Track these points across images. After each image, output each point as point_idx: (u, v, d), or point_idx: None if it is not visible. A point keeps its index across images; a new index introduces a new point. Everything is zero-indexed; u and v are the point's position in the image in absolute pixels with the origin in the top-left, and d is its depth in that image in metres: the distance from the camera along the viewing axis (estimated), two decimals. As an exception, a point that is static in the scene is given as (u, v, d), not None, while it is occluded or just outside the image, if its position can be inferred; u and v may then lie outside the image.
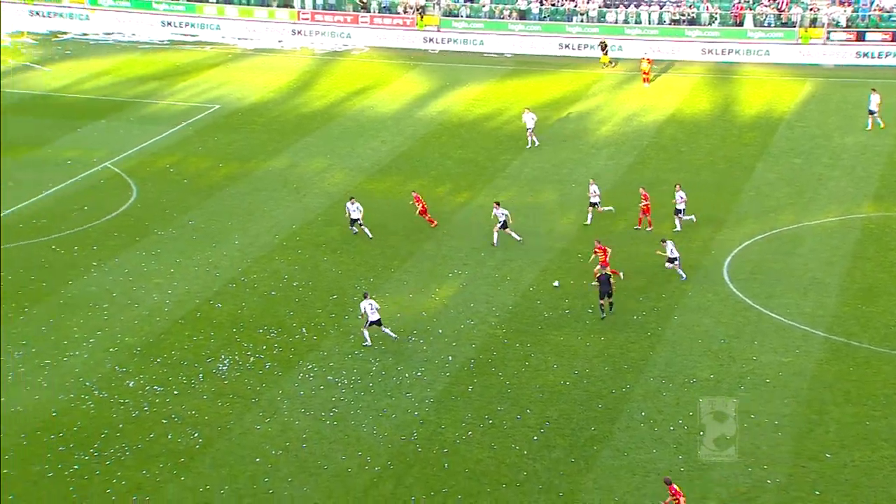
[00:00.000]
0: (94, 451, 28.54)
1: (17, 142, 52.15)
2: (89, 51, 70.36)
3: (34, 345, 33.68)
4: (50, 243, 41.16)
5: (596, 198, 43.09)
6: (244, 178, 48.72)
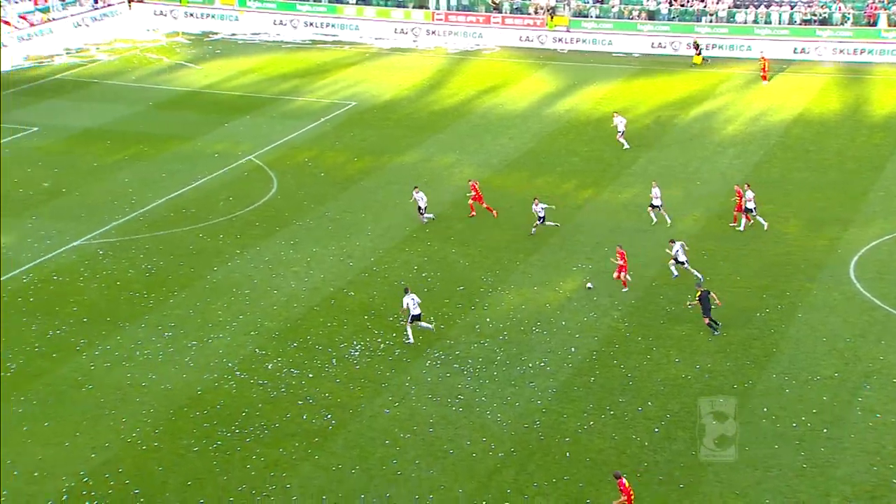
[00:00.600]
0: (235, 429, 29.16)
1: (170, 135, 53.65)
2: (237, 50, 71.96)
3: (182, 327, 34.59)
4: (197, 231, 42.22)
5: (658, 200, 42.03)
6: (377, 171, 49.17)
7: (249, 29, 76.53)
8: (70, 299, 36.01)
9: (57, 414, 29.45)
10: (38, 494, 26.07)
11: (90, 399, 30.24)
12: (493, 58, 70.01)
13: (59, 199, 44.79)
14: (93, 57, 68.09)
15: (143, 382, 31.20)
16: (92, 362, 32.19)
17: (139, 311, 35.51)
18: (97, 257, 39.45)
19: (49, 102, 58.21)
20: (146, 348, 33.14)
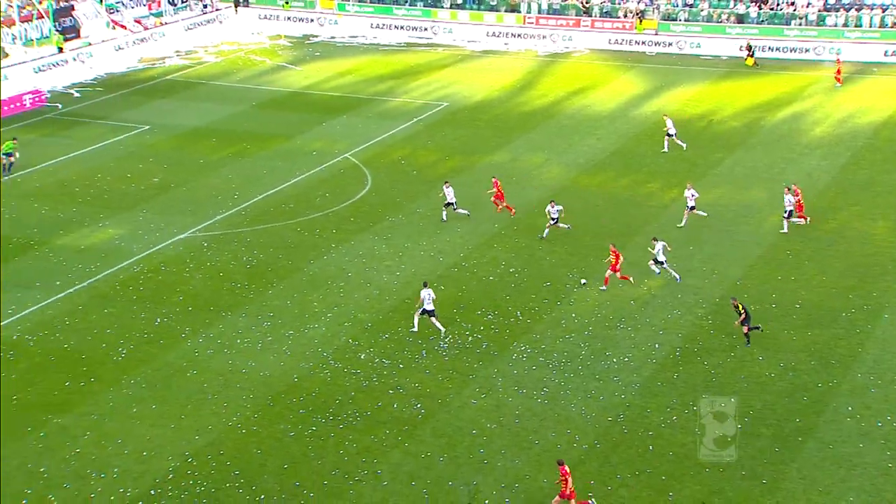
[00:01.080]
0: (329, 416, 29.48)
1: (272, 134, 54.42)
2: (336, 52, 72.67)
3: (280, 317, 35.07)
4: (296, 225, 42.76)
5: (693, 201, 41.21)
6: (468, 170, 49.19)
7: (348, 32, 77.21)
8: (176, 289, 36.78)
9: (164, 397, 30.12)
10: (147, 473, 26.69)
11: (194, 384, 30.86)
12: (581, 60, 69.52)
13: (168, 194, 45.77)
14: (200, 59, 69.41)
15: (243, 369, 31.72)
16: (196, 349, 32.84)
17: (240, 300, 36.11)
18: (202, 249, 40.22)
19: (160, 102, 59.52)
20: (246, 337, 33.68)
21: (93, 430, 28.31)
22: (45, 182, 46.40)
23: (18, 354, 31.91)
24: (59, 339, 33.03)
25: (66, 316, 34.45)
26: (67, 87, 61.03)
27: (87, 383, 30.61)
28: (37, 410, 29.02)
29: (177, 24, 73.72)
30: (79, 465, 26.82)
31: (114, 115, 56.53)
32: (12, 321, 33.87)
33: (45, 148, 50.83)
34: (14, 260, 38.38)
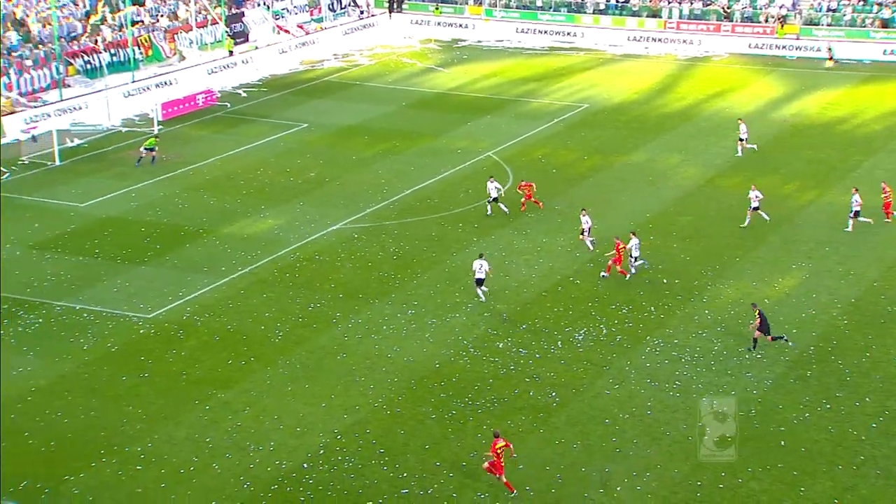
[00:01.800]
0: (468, 401, 29.62)
1: (419, 132, 54.96)
2: (482, 55, 72.87)
3: (423, 306, 35.41)
4: (440, 220, 43.08)
5: (756, 202, 39.70)
6: (605, 169, 48.64)
7: (494, 36, 77.30)
8: (328, 277, 37.56)
9: (315, 378, 30.81)
10: (300, 447, 27.37)
11: (343, 366, 31.46)
12: (721, 64, 67.83)
13: (323, 188, 46.75)
14: (356, 61, 70.62)
15: (389, 354, 32.17)
16: (345, 334, 33.46)
17: (387, 289, 36.61)
18: (353, 240, 40.96)
19: (318, 102, 60.84)
20: (392, 323, 34.13)
21: (252, 405, 29.18)
22: (213, 175, 48.04)
23: (187, 333, 33.15)
24: (222, 320, 34.17)
25: (230, 299, 35.59)
26: (235, 87, 63.00)
27: (247, 362, 31.58)
28: (203, 385, 30.10)
29: (335, 29, 75.20)
30: (239, 437, 27.70)
31: (276, 113, 58.07)
32: (182, 303, 35.21)
33: (214, 143, 52.61)
34: (185, 246, 39.88)
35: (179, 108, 57.31)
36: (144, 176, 47.12)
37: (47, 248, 39.18)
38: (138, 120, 55.82)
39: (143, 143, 49.39)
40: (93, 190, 45.39)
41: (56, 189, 45.38)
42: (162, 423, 28.03)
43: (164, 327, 33.37)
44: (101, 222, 41.96)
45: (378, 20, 79.03)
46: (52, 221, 41.72)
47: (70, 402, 28.97)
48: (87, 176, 47.32)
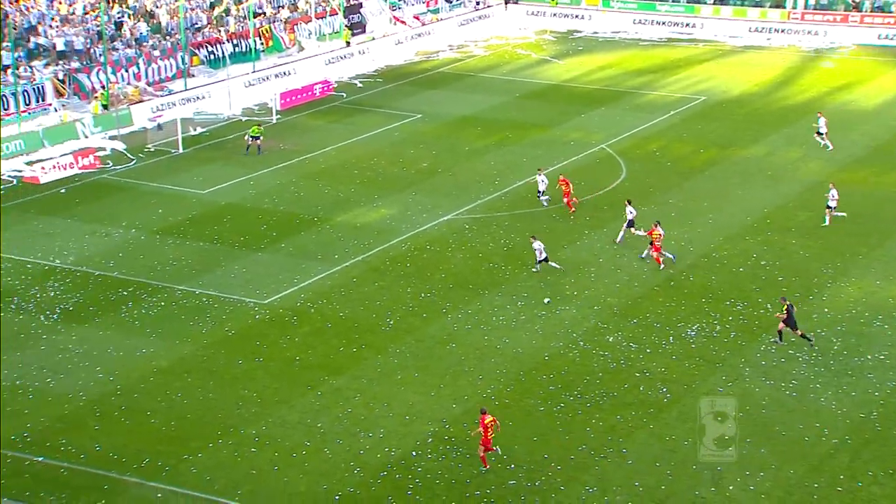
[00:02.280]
0: (577, 394, 29.42)
1: (533, 123, 54.70)
2: (598, 47, 72.10)
3: (533, 297, 35.29)
4: (552, 212, 42.84)
5: (833, 202, 38.58)
6: (722, 163, 47.61)
7: (610, 27, 76.38)
8: (439, 266, 37.75)
9: (425, 366, 31.03)
10: (408, 435, 27.61)
11: (452, 356, 31.59)
12: (848, 56, 65.57)
13: (435, 178, 46.99)
14: (471, 52, 70.70)
15: (498, 345, 32.16)
16: (455, 324, 33.59)
17: (497, 280, 36.60)
18: (464, 231, 41.06)
19: (432, 92, 61.15)
20: (501, 314, 34.11)
21: (362, 392, 29.58)
22: (329, 164, 48.78)
23: (301, 320, 33.77)
24: (335, 307, 34.70)
25: (342, 287, 36.12)
26: (352, 77, 63.80)
27: (359, 349, 32.01)
28: (315, 371, 30.65)
29: (451, 20, 75.41)
30: (350, 423, 28.10)
31: (390, 103, 58.60)
32: (296, 289, 35.89)
33: (330, 133, 53.41)
34: (300, 234, 40.62)
35: (297, 98, 58.36)
36: (262, 164, 48.17)
37: (170, 233, 40.43)
38: (258, 109, 57.07)
39: (248, 132, 50.49)
40: (213, 177, 46.62)
41: (179, 176, 46.78)
42: (275, 406, 28.65)
43: (279, 313, 34.07)
44: (221, 209, 43.07)
45: (494, 11, 78.89)
46: (174, 207, 43.03)
47: (189, 383, 29.86)
48: (208, 163, 48.63)
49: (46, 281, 36.00)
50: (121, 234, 40.29)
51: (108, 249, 38.81)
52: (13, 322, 33.01)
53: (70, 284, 35.80)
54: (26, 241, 39.33)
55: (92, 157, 48.02)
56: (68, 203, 43.42)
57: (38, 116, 52.05)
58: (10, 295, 34.79)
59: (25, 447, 26.51)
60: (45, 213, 42.19)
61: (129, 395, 29.16)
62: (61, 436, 27.06)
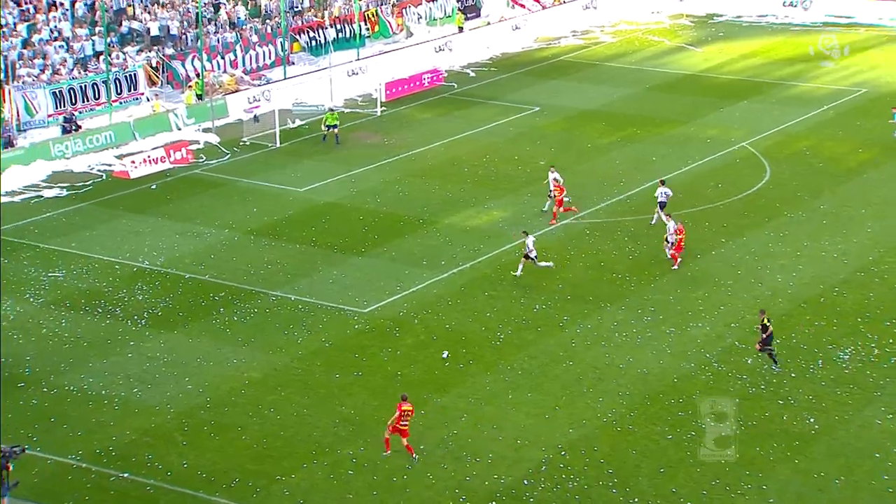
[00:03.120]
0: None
1: (663, 118, 54.08)
2: (741, 32, 70.91)
3: (661, 312, 34.88)
4: (683, 217, 42.18)
5: None
6: (885, 165, 46.33)
7: (756, 11, 74.97)
8: (556, 276, 37.62)
9: (539, 386, 30.95)
10: (520, 461, 27.57)
11: (570, 375, 31.46)
12: None
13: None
14: (596, 39, 70.32)
15: (620, 364, 31.90)
16: (573, 339, 33.44)
17: (620, 292, 36.31)
18: (584, 236, 40.85)
19: (552, 83, 61.02)
20: (624, 331, 33.82)
21: (469, 412, 29.67)
22: (436, 161, 49.14)
23: (403, 331, 34.09)
24: (441, 318, 34.91)
25: (449, 296, 36.31)
26: (464, 66, 64.16)
27: (466, 365, 32.12)
28: (418, 388, 30.85)
29: (575, 3, 75.07)
30: (455, 446, 28.22)
31: (506, 95, 58.69)
32: (399, 298, 36.23)
33: (439, 127, 53.80)
34: (404, 237, 41.00)
35: (404, 89, 58.98)
36: (365, 160, 48.82)
37: (265, 234, 41.31)
38: (361, 101, 57.86)
39: (324, 119, 51.21)
40: (312, 174, 47.47)
41: (275, 172, 47.77)
42: (375, 425, 28.96)
43: (380, 323, 34.46)
44: (319, 208, 43.82)
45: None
46: (270, 206, 43.96)
47: (283, 397, 30.43)
48: (307, 159, 49.54)
49: (134, 283, 37.19)
50: (213, 234, 41.35)
51: (200, 250, 39.88)
52: (99, 327, 34.20)
53: (159, 288, 36.90)
54: (114, 240, 40.72)
55: (184, 150, 49.42)
56: (159, 200, 44.79)
57: (129, 106, 53.79)
58: (97, 298, 36.04)
59: (110, 462, 27.39)
60: (135, 211, 43.60)
61: (219, 409, 29.88)
62: (147, 451, 27.89)
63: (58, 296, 36.18)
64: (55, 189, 45.81)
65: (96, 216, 43.08)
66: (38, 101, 50.57)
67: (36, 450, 27.55)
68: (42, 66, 52.39)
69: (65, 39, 54.63)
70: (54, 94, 51.14)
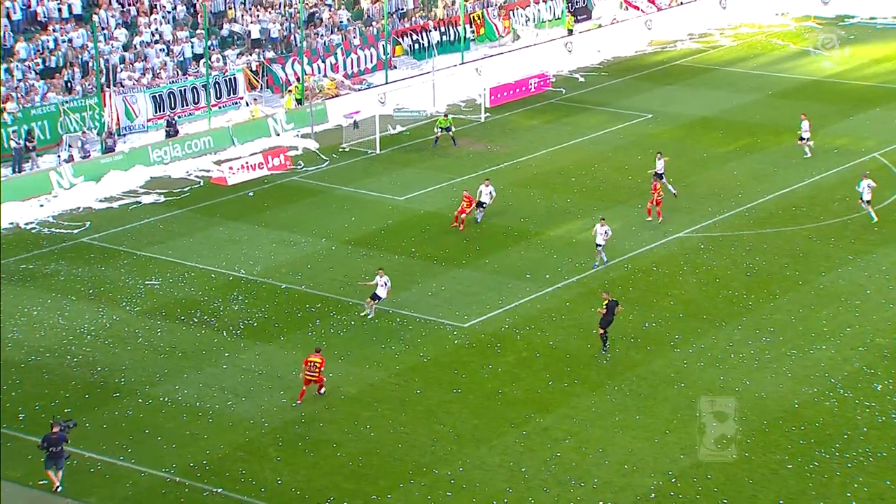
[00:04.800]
0: (835, 451, 28.35)
1: (786, 127, 53.08)
2: (874, 35, 69.50)
3: (781, 333, 34.29)
4: (807, 232, 41.51)
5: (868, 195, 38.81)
6: None
7: (891, 12, 73.24)
8: (668, 292, 37.26)
9: (648, 408, 30.66)
10: (627, 487, 27.34)
11: (682, 397, 31.09)
12: None
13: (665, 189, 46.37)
14: (716, 42, 69.51)
15: (737, 387, 31.42)
16: (685, 359, 33.06)
17: (737, 311, 35.79)
18: (698, 251, 40.37)
19: (666, 89, 60.52)
20: (741, 351, 33.32)
21: (574, 434, 29.53)
22: (542, 169, 49.09)
23: (505, 348, 34.10)
24: (545, 335, 34.83)
25: (554, 311, 36.21)
26: (573, 71, 63.98)
27: (570, 384, 31.98)
28: (520, 407, 30.84)
29: (693, 4, 74.32)
30: (558, 469, 28.10)
31: (616, 101, 58.39)
32: (501, 312, 36.25)
33: (546, 134, 53.74)
34: (507, 249, 41.01)
35: (509, 94, 59.09)
36: (467, 168, 49.01)
37: (363, 244, 41.75)
38: (465, 106, 58.13)
39: (437, 122, 51.54)
40: (413, 182, 47.84)
41: (375, 180, 48.26)
42: (474, 445, 29.02)
43: (481, 339, 34.52)
44: (420, 218, 44.12)
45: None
46: (369, 215, 44.41)
47: (379, 413, 30.68)
48: (407, 166, 49.94)
49: (230, 293, 37.90)
50: (310, 243, 41.93)
51: (296, 260, 40.46)
52: (195, 337, 34.92)
53: (255, 298, 37.55)
54: (211, 248, 41.56)
55: (283, 156, 50.26)
56: (256, 207, 45.60)
57: (228, 111, 54.94)
58: (193, 307, 36.82)
59: (204, 476, 27.92)
60: (232, 218, 44.46)
61: (314, 425, 30.25)
62: (241, 466, 28.37)
63: (154, 304, 37.05)
64: (153, 195, 46.96)
65: (193, 223, 44.04)
66: (139, 105, 51.98)
67: (130, 462, 28.24)
68: (143, 70, 53.80)
69: (165, 42, 56.05)
70: (154, 98, 52.51)
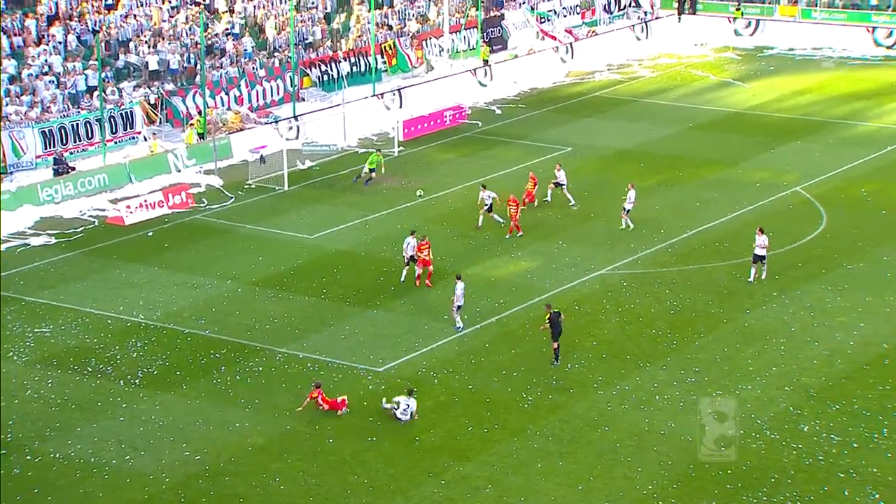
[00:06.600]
0: (762, 496, 28.76)
1: (708, 160, 54.24)
2: (793, 67, 71.27)
3: (706, 373, 34.79)
4: (731, 268, 42.27)
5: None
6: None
7: (810, 43, 75.34)
8: (589, 332, 37.63)
9: (571, 453, 30.86)
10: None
11: (605, 441, 31.36)
12: None
13: (586, 224, 46.96)
14: (634, 73, 70.78)
15: (662, 430, 31.78)
16: (609, 402, 33.37)
17: (661, 350, 36.26)
18: (620, 288, 40.88)
19: (585, 121, 61.38)
20: (666, 393, 33.73)
21: (494, 482, 29.59)
22: (459, 205, 49.35)
23: (422, 392, 34.08)
24: (463, 378, 34.93)
25: (472, 353, 36.35)
26: (489, 103, 64.62)
27: (490, 430, 32.08)
28: (438, 455, 30.84)
29: (611, 35, 75.77)
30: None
31: (534, 134, 59.07)
32: (417, 355, 36.29)
33: (462, 168, 54.10)
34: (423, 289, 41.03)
35: (424, 127, 59.52)
36: (380, 205, 49.12)
37: (271, 285, 41.55)
38: (376, 140, 58.31)
39: (367, 162, 51.73)
40: (323, 219, 47.79)
41: (283, 218, 48.13)
42: (390, 496, 28.94)
43: (396, 384, 34.51)
44: (331, 257, 44.07)
45: (664, 24, 78.93)
46: (277, 255, 44.25)
47: (289, 465, 30.47)
48: (317, 203, 49.90)
49: (128, 339, 37.43)
50: (214, 285, 41.61)
51: (200, 303, 40.12)
52: (89, 388, 34.38)
53: (155, 344, 37.12)
54: (107, 292, 41.03)
55: (184, 194, 49.91)
56: (156, 248, 45.17)
57: (124, 147, 54.42)
58: (87, 355, 36.27)
59: (98, 534, 27.43)
60: (130, 260, 43.97)
61: (219, 478, 29.92)
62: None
63: (44, 354, 36.42)
64: (43, 236, 46.28)
65: (88, 266, 43.46)
66: (26, 141, 51.25)
67: (18, 521, 27.63)
68: (31, 103, 53.08)
69: (55, 74, 55.39)
70: (43, 133, 51.83)
